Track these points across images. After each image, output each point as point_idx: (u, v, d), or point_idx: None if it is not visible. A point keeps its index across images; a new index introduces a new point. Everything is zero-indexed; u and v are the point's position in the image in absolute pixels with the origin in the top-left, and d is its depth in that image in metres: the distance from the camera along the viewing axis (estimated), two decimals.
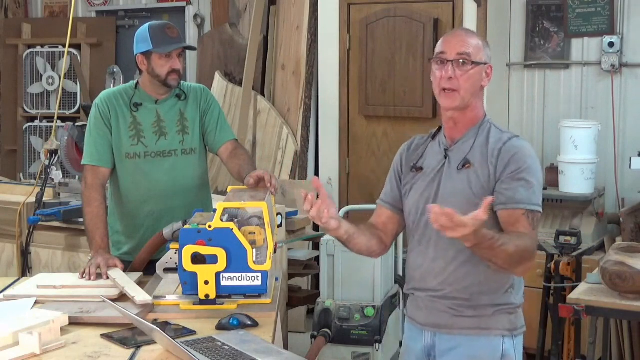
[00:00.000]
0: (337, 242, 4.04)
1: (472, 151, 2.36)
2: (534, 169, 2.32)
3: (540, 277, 4.46)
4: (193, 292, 2.69)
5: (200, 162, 3.37)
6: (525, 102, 5.38)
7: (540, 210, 2.31)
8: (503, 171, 2.30)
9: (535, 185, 2.30)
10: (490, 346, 2.36)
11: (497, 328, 2.36)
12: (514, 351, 2.39)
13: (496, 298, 2.35)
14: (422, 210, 2.39)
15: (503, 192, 2.29)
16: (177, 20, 6.81)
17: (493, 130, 2.39)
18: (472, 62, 2.33)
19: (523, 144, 2.35)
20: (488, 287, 2.34)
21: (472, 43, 2.35)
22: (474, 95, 2.36)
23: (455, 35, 2.41)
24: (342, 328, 4.00)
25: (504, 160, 2.31)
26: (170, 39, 3.18)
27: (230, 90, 6.15)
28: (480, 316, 2.35)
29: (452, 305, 2.36)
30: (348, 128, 5.65)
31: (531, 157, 2.33)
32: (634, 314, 3.49)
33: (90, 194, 3.20)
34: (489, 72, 2.39)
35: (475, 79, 2.35)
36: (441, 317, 2.38)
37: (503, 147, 2.33)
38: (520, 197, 2.28)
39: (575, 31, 5.20)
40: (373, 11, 5.46)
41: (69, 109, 7.05)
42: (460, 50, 2.33)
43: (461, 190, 2.33)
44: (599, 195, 4.93)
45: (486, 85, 2.40)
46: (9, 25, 7.37)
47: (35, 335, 2.28)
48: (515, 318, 2.40)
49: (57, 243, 4.47)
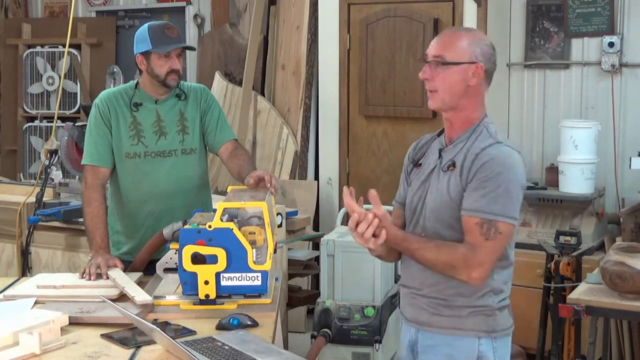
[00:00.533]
0: (337, 242, 4.10)
1: (459, 153, 2.33)
2: (503, 178, 2.24)
3: (540, 277, 4.46)
4: (193, 292, 2.69)
5: (200, 162, 3.37)
6: (525, 102, 5.38)
7: (505, 220, 2.23)
8: (473, 178, 2.26)
9: (501, 194, 2.23)
10: (466, 346, 2.35)
11: (472, 329, 2.35)
12: (493, 354, 2.36)
13: (472, 300, 2.34)
14: (413, 208, 2.42)
15: (465, 198, 2.27)
16: (177, 20, 6.81)
17: (484, 134, 2.33)
18: (446, 63, 2.30)
19: (500, 152, 2.27)
20: (464, 289, 2.32)
21: (451, 43, 2.31)
22: (459, 96, 2.32)
23: (440, 36, 2.38)
24: (342, 328, 4.00)
25: (475, 167, 2.27)
26: (170, 39, 3.17)
27: (230, 90, 6.15)
28: (456, 316, 2.35)
29: (430, 304, 2.38)
30: (348, 128, 5.66)
31: (504, 165, 2.25)
32: (634, 314, 3.49)
33: (90, 194, 3.20)
34: (478, 71, 2.31)
35: (454, 80, 2.30)
36: (422, 314, 2.41)
37: (480, 153, 2.28)
38: (478, 205, 2.23)
39: (575, 31, 5.20)
40: (373, 11, 5.46)
41: (69, 109, 7.05)
42: (436, 52, 2.32)
43: (441, 191, 2.33)
44: (599, 195, 4.93)
45: (476, 85, 2.32)
46: (9, 25, 7.37)
47: (35, 335, 2.28)
48: (494, 320, 2.36)
49: (57, 243, 4.47)
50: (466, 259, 2.23)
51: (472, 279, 2.25)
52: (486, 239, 2.23)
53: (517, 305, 4.91)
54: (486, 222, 2.22)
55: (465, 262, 2.23)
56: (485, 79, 2.35)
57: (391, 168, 5.38)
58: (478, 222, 2.23)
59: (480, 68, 2.31)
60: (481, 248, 2.23)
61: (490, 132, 2.34)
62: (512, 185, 2.26)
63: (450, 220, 2.31)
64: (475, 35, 2.38)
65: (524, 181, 2.32)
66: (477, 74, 2.31)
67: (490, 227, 2.22)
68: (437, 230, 2.33)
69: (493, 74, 2.38)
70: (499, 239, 2.24)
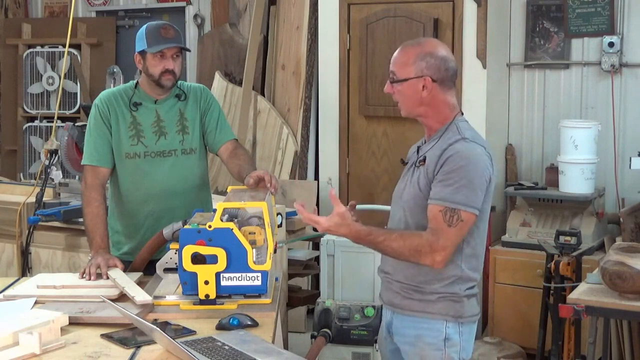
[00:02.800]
0: (337, 242, 4.10)
1: (431, 150, 2.52)
2: (467, 170, 2.42)
3: (540, 277, 4.47)
4: (193, 292, 2.69)
5: (200, 162, 3.37)
6: (525, 102, 5.38)
7: (467, 210, 2.41)
8: (439, 171, 2.44)
9: (464, 185, 2.40)
10: (433, 328, 2.52)
11: (439, 313, 2.52)
12: (459, 337, 2.53)
13: (440, 287, 2.51)
14: (395, 200, 2.63)
15: (432, 189, 2.45)
16: (177, 20, 6.81)
17: (452, 131, 2.51)
18: (397, 81, 2.53)
19: (464, 147, 2.45)
20: (432, 276, 2.50)
21: (399, 60, 2.54)
22: (417, 106, 2.53)
23: (396, 52, 2.59)
24: (342, 328, 4.00)
25: (441, 161, 2.45)
26: (163, 39, 3.16)
27: (230, 90, 6.15)
28: (425, 300, 2.52)
29: (403, 288, 2.56)
30: (348, 128, 5.65)
31: (467, 158, 2.43)
32: (634, 314, 3.49)
33: (90, 194, 3.20)
34: (427, 84, 2.49)
35: (408, 94, 2.52)
36: (395, 297, 2.60)
37: (447, 148, 2.46)
38: (443, 194, 2.41)
39: (575, 31, 5.20)
40: (373, 11, 5.45)
41: (69, 109, 7.05)
42: (390, 69, 2.56)
43: (412, 185, 2.54)
44: (599, 195, 4.93)
45: (428, 96, 2.50)
46: (9, 25, 7.37)
47: (35, 335, 2.28)
48: (461, 307, 2.52)
49: (57, 243, 4.47)
50: (430, 243, 2.41)
51: (435, 262, 2.42)
52: (449, 225, 2.41)
53: (517, 305, 4.98)
54: (449, 210, 2.41)
55: (430, 246, 2.41)
56: (440, 86, 2.51)
57: (391, 168, 5.38)
58: (442, 210, 2.41)
59: (427, 81, 2.50)
60: (444, 233, 2.41)
61: (459, 128, 2.52)
62: (475, 177, 2.44)
63: (421, 211, 2.48)
64: (423, 48, 2.54)
65: (487, 174, 2.47)
66: (426, 87, 2.50)
67: (452, 215, 2.41)
68: (408, 221, 2.53)
69: (451, 76, 2.54)
70: (460, 226, 2.42)
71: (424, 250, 2.41)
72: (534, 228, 4.85)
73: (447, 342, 2.52)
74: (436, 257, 2.41)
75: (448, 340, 2.52)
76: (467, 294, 2.54)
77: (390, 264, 2.59)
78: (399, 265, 2.54)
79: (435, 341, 2.52)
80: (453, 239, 2.42)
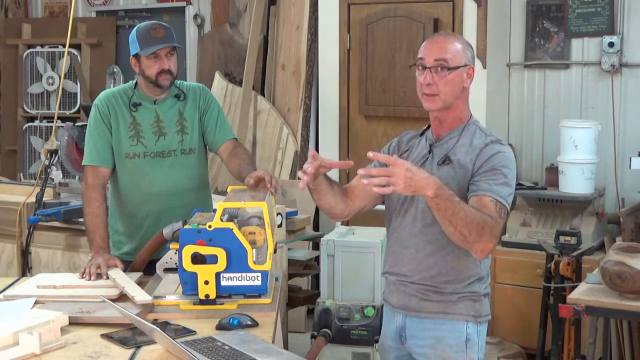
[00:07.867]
0: (337, 242, 4.10)
1: (453, 149, 2.48)
2: (510, 170, 2.42)
3: (540, 277, 4.47)
4: (193, 292, 2.69)
5: (200, 162, 3.37)
6: (525, 102, 5.38)
7: (507, 207, 2.39)
8: (480, 168, 2.41)
9: (507, 184, 2.40)
10: (455, 329, 2.49)
11: (461, 313, 2.49)
12: (478, 337, 2.51)
13: (461, 287, 2.48)
14: (402, 200, 2.53)
15: (476, 183, 2.40)
16: (177, 20, 6.82)
17: (478, 132, 2.51)
18: (449, 68, 2.45)
19: (504, 148, 2.46)
20: (454, 277, 2.47)
21: (449, 48, 2.47)
22: (455, 97, 2.49)
23: (434, 42, 2.51)
24: (342, 328, 4.00)
25: (482, 159, 2.42)
26: (155, 40, 3.16)
27: (230, 90, 6.15)
28: (445, 301, 2.48)
29: (420, 290, 2.50)
30: (348, 128, 5.65)
31: (509, 159, 2.43)
32: (634, 314, 3.49)
33: (91, 194, 3.21)
34: (471, 73, 2.50)
35: (455, 83, 2.47)
36: (410, 300, 2.52)
37: (484, 148, 2.44)
38: (491, 188, 2.37)
39: (575, 31, 5.20)
40: (373, 11, 5.46)
41: (69, 109, 7.05)
42: (437, 57, 2.45)
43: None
44: (599, 195, 4.93)
45: (468, 86, 2.51)
46: (9, 25, 7.37)
47: (35, 335, 2.28)
48: (480, 306, 2.51)
49: (57, 243, 4.47)
50: (491, 227, 2.31)
51: (486, 248, 2.32)
52: (499, 216, 2.36)
53: (517, 305, 4.97)
54: (499, 203, 2.36)
55: (491, 229, 2.30)
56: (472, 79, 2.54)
57: None
58: (492, 201, 2.35)
59: (472, 70, 2.51)
60: (498, 223, 2.35)
61: (484, 130, 2.53)
62: (512, 181, 2.44)
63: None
64: (462, 39, 2.58)
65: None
66: (470, 76, 2.50)
67: (502, 208, 2.37)
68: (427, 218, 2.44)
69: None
70: (502, 222, 2.38)
71: (487, 228, 2.28)
72: (534, 228, 4.85)
73: (468, 343, 2.49)
74: (490, 244, 2.31)
75: (469, 340, 2.49)
76: (485, 292, 2.52)
77: (407, 266, 2.51)
78: (418, 267, 2.49)
79: (457, 342, 2.48)
80: (500, 230, 2.37)
